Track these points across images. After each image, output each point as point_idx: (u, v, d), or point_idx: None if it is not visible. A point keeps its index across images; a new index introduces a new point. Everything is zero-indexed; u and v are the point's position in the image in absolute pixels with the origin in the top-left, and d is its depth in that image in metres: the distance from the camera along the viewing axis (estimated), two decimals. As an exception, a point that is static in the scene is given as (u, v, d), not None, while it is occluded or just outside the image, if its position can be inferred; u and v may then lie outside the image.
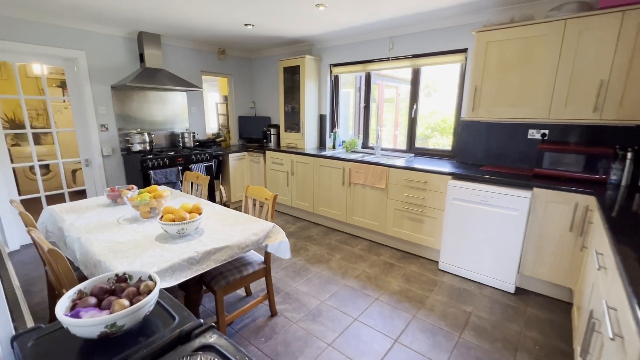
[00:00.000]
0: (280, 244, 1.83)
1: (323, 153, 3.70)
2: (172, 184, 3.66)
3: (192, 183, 2.73)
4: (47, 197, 3.33)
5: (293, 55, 4.14)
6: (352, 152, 3.94)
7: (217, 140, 4.68)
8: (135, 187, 2.28)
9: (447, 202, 2.62)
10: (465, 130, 3.07)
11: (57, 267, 1.21)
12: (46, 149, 4.68)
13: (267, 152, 4.21)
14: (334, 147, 4.11)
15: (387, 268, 2.79)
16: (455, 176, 2.61)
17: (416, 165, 2.90)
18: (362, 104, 4.03)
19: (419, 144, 3.61)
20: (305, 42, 4.12)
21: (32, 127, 3.20)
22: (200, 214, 1.70)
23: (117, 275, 1.02)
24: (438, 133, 4.30)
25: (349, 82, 4.27)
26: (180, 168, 3.70)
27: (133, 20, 3.13)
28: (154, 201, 1.87)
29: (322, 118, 4.28)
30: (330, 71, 4.10)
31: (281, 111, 4.30)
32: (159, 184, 3.52)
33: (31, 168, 4.80)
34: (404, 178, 2.92)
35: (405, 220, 3.01)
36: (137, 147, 3.63)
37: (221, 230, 1.75)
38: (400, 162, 3.11)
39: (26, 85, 4.93)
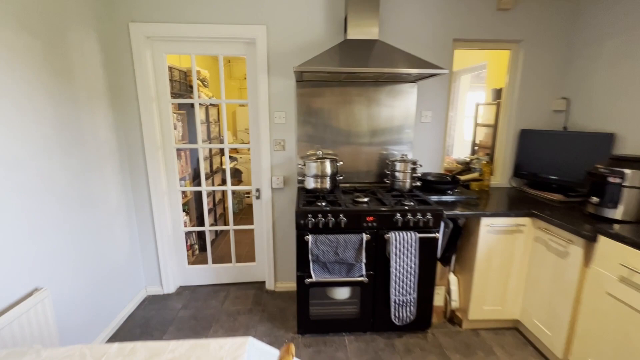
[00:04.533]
0: None
1: None
2: (349, 268, 1.82)
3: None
4: (214, 232, 2.50)
5: None
6: None
7: (464, 177, 2.37)
8: None
9: None
10: None
11: None
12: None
13: (601, 238, 1.42)
14: None
15: None
16: None
17: None
18: None
19: None
20: None
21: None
22: None
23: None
24: None
25: None
26: (365, 238, 1.78)
27: None
28: None
29: None
30: None
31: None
32: (327, 269, 1.78)
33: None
34: None
35: None
36: (311, 183, 2.07)
37: None
38: None
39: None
